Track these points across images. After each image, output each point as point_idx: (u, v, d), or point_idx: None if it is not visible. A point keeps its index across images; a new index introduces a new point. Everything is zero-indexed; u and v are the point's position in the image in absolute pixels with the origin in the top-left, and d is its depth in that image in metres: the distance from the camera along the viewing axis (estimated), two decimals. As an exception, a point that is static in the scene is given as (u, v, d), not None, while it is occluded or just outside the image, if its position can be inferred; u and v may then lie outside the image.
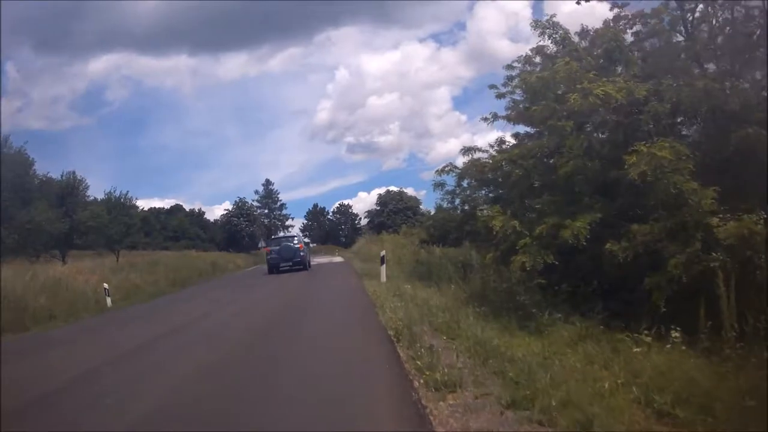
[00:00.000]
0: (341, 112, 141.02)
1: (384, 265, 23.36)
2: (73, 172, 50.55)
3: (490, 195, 21.22)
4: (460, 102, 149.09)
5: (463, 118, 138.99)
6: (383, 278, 22.49)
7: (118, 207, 49.45)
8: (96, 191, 79.38)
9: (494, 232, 13.86)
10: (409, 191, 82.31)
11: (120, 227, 48.05)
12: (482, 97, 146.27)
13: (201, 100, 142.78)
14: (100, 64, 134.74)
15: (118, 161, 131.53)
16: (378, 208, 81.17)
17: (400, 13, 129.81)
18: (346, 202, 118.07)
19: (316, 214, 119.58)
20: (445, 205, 26.02)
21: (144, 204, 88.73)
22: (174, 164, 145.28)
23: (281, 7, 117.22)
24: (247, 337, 13.10)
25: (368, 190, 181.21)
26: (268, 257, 38.33)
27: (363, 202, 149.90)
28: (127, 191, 51.92)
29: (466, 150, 20.37)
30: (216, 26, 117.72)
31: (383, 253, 24.11)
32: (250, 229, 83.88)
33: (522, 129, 19.18)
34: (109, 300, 23.80)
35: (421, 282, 22.58)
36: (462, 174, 21.54)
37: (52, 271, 27.95)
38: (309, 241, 56.95)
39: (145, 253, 54.87)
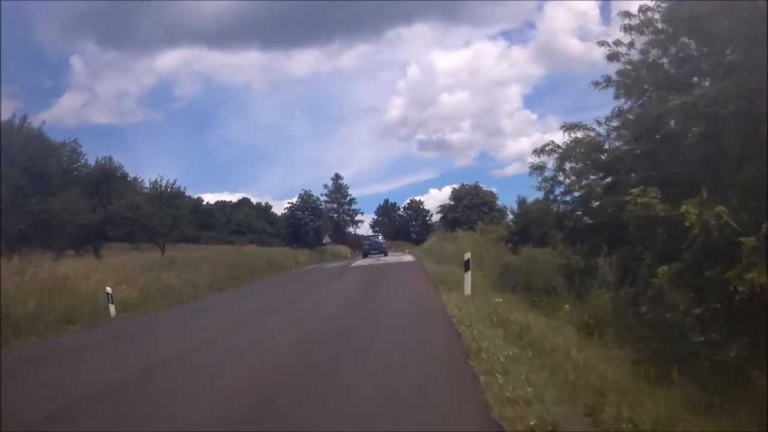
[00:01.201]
0: (412, 109, 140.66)
1: (469, 272, 17.19)
2: (110, 158, 46.48)
3: (607, 181, 16.37)
4: (530, 100, 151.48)
5: (534, 116, 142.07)
6: (467, 290, 16.53)
7: (164, 197, 44.90)
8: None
9: (687, 227, 7.85)
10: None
11: (165, 219, 43.51)
12: (553, 96, 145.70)
13: (271, 95, 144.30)
14: (169, 59, 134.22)
15: (187, 156, 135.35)
16: (452, 203, 74.67)
17: (471, 12, 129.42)
18: (417, 198, 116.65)
19: (386, 209, 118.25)
20: (542, 195, 20.09)
21: (211, 198, 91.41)
22: (243, 160, 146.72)
23: (352, 4, 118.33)
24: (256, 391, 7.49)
25: (439, 187, 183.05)
26: (363, 249, 58.99)
27: (434, 199, 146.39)
28: (175, 180, 47.66)
29: (570, 127, 16.91)
30: (287, 22, 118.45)
31: (468, 256, 17.78)
32: (315, 223, 78.83)
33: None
34: (112, 308, 18.71)
35: (515, 295, 17.06)
36: (564, 155, 17.28)
37: (61, 268, 23.20)
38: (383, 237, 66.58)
39: (196, 248, 50.96)
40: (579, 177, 17.07)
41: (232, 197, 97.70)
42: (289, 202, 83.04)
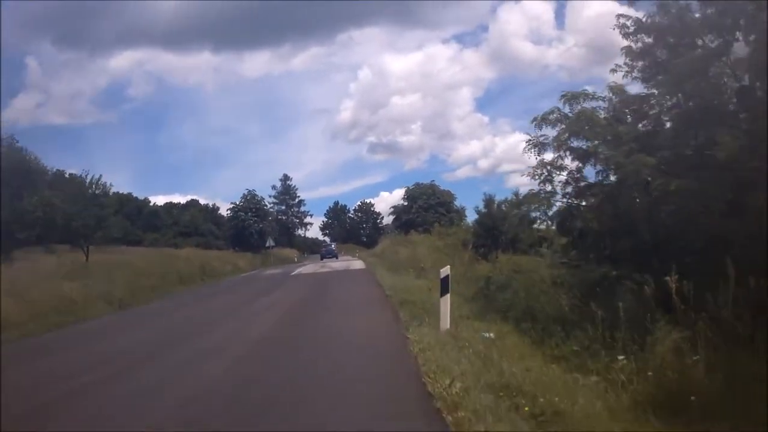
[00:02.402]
0: (363, 111, 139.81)
1: (447, 297, 11.42)
2: (21, 149, 40.72)
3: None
4: (482, 103, 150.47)
5: (485, 119, 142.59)
6: (445, 323, 11.24)
7: (86, 195, 39.16)
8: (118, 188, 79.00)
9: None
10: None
11: (88, 219, 37.80)
12: (504, 99, 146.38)
13: (223, 97, 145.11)
14: (123, 61, 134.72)
15: (139, 158, 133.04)
16: (405, 203, 69.56)
17: (424, 14, 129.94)
18: (368, 200, 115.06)
19: (336, 212, 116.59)
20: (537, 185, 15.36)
21: (162, 200, 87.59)
22: (195, 162, 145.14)
23: (303, 6, 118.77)
24: None
25: (390, 190, 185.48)
26: (321, 253, 71.10)
27: (385, 202, 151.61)
28: (100, 176, 41.88)
29: (571, 97, 14.34)
30: (239, 24, 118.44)
31: (446, 272, 11.69)
32: (260, 225, 73.11)
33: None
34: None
35: (508, 326, 12.39)
36: (569, 129, 14.11)
37: None
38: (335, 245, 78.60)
39: (128, 251, 45.37)
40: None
41: (183, 199, 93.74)
42: (232, 203, 77.34)
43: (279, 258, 70.18)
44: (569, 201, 14.86)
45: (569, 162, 14.66)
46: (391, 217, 75.12)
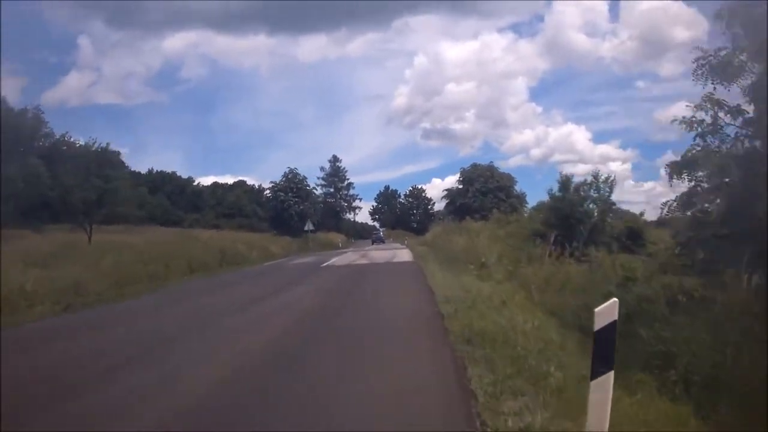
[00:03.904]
0: (418, 97, 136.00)
1: (609, 379, 4.28)
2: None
3: None
4: (535, 93, 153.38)
5: (539, 109, 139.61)
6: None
7: (88, 165, 33.83)
8: (168, 168, 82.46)
9: None
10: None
11: (88, 193, 32.52)
12: (558, 90, 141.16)
13: (277, 81, 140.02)
14: (176, 42, 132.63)
15: (191, 139, 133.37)
16: (460, 186, 63.01)
17: (480, 3, 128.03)
18: (419, 186, 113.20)
19: (387, 196, 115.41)
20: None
21: (212, 181, 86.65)
22: (247, 144, 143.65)
23: None
24: None
25: (442, 177, 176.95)
26: (372, 238, 79.12)
27: (437, 189, 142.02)
28: (107, 143, 36.75)
29: None
30: (295, 8, 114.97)
31: (610, 313, 4.51)
32: (300, 206, 67.37)
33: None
34: None
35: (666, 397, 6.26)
36: None
37: None
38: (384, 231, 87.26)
39: (137, 230, 40.28)
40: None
41: (232, 180, 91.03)
42: (271, 182, 72.05)
43: (321, 243, 64.89)
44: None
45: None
46: (444, 202, 68.88)
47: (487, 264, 21.90)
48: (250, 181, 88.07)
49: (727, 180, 10.54)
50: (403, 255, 36.44)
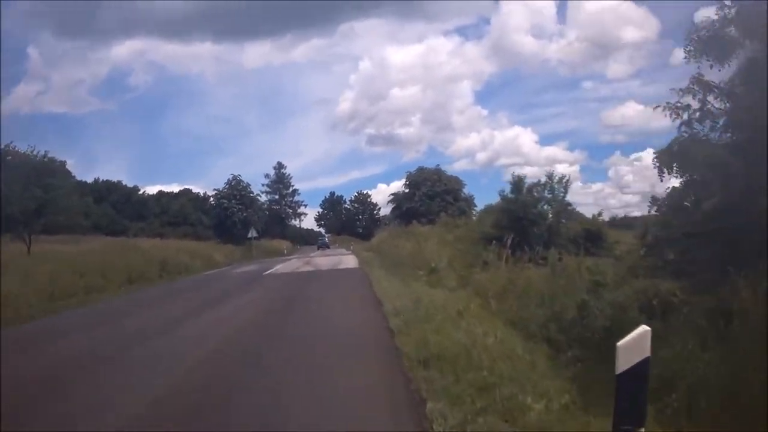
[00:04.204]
0: (363, 102, 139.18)
1: None
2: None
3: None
4: (481, 96, 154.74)
5: (484, 112, 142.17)
6: None
7: (26, 173, 31.73)
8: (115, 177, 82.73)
9: None
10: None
11: (27, 203, 30.50)
12: (504, 93, 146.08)
13: (224, 87, 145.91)
14: (123, 50, 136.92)
15: (139, 147, 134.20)
16: (407, 190, 61.73)
17: (426, 7, 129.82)
18: (365, 191, 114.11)
19: (332, 202, 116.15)
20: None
21: (158, 189, 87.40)
22: (194, 151, 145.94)
23: None
24: None
25: (387, 182, 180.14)
26: (317, 243, 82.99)
27: (382, 194, 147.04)
28: (46, 152, 34.65)
29: None
30: (240, 14, 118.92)
31: (642, 348, 3.17)
32: (244, 214, 65.26)
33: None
34: None
35: None
36: None
37: None
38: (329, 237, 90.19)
39: (74, 239, 38.41)
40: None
41: (178, 189, 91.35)
42: (214, 189, 69.94)
43: (266, 250, 63.56)
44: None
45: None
46: (390, 207, 67.61)
47: (437, 269, 20.71)
48: (196, 189, 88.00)
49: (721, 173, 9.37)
50: (349, 261, 35.16)
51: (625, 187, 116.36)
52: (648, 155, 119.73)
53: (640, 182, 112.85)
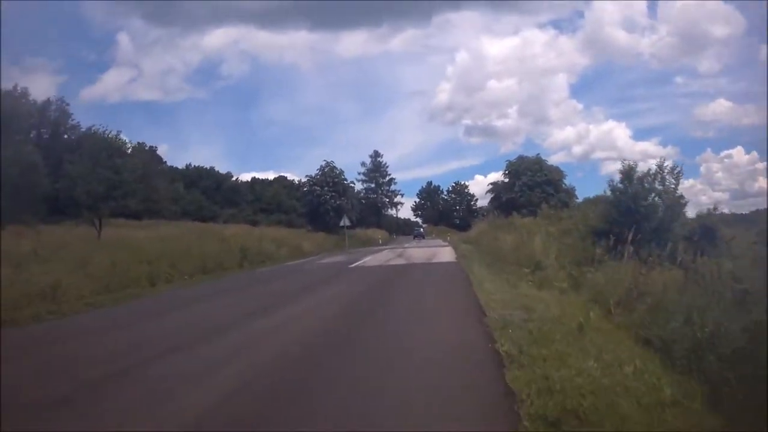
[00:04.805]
0: (460, 94, 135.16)
1: None
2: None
3: None
4: (576, 90, 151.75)
5: (580, 106, 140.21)
6: None
7: (93, 152, 30.91)
8: (208, 164, 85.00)
9: None
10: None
11: (94, 185, 29.67)
12: (598, 86, 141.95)
13: (318, 77, 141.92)
14: (216, 38, 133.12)
15: (232, 135, 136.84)
16: (506, 180, 59.14)
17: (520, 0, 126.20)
18: (462, 182, 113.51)
19: (429, 192, 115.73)
20: None
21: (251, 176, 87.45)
22: (288, 140, 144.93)
23: None
24: None
25: (484, 174, 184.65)
26: (414, 233, 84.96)
27: (479, 186, 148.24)
28: (118, 132, 34.53)
29: None
30: (336, 3, 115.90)
31: None
32: (337, 201, 63.92)
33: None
34: None
35: None
36: None
37: None
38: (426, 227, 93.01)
39: (148, 225, 38.63)
40: None
41: (272, 176, 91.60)
42: (307, 176, 68.81)
43: (360, 240, 62.42)
44: None
45: None
46: (488, 197, 64.97)
47: (543, 266, 18.37)
48: (290, 177, 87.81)
49: None
50: (445, 254, 32.78)
51: (715, 184, 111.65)
52: (738, 153, 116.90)
53: (729, 179, 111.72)
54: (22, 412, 5.97)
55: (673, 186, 27.50)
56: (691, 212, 28.25)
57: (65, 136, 37.96)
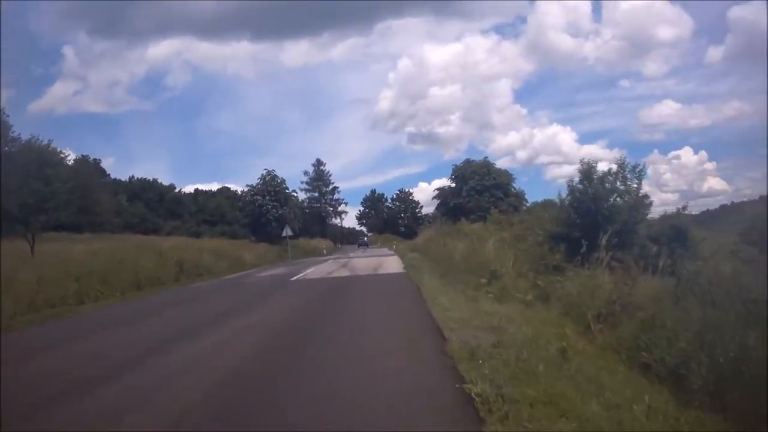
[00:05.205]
0: (403, 101, 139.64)
1: None
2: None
3: None
4: (520, 95, 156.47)
5: (524, 111, 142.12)
6: None
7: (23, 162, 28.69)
8: (153, 176, 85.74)
9: None
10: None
11: (25, 197, 27.39)
12: (542, 91, 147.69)
13: (261, 86, 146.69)
14: (161, 50, 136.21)
15: (177, 146, 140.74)
16: (453, 185, 57.83)
17: (463, 5, 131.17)
18: (406, 189, 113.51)
19: (374, 200, 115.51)
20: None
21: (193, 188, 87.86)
22: (232, 150, 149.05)
23: None
24: None
25: (428, 181, 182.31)
26: (358, 242, 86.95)
27: (423, 193, 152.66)
28: (50, 141, 31.99)
29: None
30: (277, 13, 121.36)
31: None
32: (279, 211, 61.68)
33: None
34: None
35: None
36: None
37: None
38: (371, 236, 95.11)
39: (80, 239, 35.84)
40: None
41: (216, 187, 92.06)
42: (247, 185, 66.56)
43: (304, 250, 60.46)
44: None
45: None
46: (434, 203, 63.91)
47: (499, 275, 16.55)
48: (234, 188, 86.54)
49: None
50: (392, 264, 30.60)
51: (663, 186, 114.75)
52: (686, 153, 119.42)
53: (677, 180, 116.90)
54: None
55: (635, 185, 26.02)
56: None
57: (5, 149, 35.64)
